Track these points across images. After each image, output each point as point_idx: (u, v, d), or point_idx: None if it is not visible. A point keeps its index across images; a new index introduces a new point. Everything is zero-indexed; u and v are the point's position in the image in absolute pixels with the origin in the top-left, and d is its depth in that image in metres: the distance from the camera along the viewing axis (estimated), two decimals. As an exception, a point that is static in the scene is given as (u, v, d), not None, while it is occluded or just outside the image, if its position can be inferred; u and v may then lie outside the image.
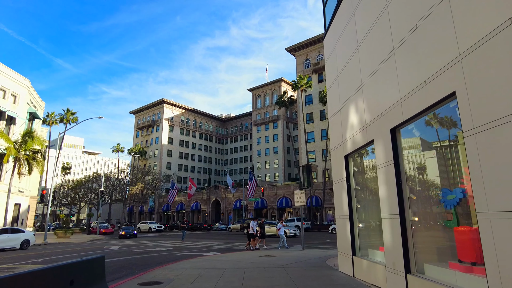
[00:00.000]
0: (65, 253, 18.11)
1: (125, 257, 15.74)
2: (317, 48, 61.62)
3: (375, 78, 7.55)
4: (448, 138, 5.55)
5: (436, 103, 5.25)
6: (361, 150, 8.62)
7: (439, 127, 5.73)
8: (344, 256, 9.54)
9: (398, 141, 6.67)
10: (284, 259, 12.85)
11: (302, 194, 17.38)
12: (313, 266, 11.09)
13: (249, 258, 13.62)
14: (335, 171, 10.41)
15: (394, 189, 6.53)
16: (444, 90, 4.99)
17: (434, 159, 6.00)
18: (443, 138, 5.74)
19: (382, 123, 7.11)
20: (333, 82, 10.73)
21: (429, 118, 5.85)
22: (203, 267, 11.20)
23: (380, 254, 7.85)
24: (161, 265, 12.16)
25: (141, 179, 62.95)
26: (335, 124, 10.46)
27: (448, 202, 5.60)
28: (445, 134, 5.66)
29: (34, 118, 38.51)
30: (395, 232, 6.48)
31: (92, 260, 6.38)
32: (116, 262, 13.66)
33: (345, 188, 9.32)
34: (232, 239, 27.93)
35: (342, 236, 9.68)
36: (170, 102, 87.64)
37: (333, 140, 10.73)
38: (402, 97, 6.25)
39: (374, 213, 8.57)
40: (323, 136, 56.90)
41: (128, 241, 27.90)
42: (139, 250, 18.99)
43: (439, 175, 5.91)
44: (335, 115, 10.42)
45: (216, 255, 15.52)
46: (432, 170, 6.06)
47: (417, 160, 6.48)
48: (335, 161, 10.45)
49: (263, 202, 57.51)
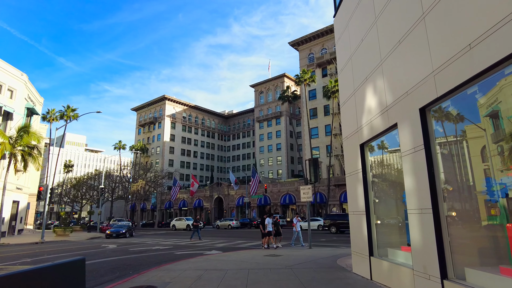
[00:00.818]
0: (59, 252, 17.25)
1: (121, 256, 14.84)
2: (320, 42, 60.36)
3: (398, 52, 6.52)
4: (500, 116, 4.53)
5: (485, 70, 4.23)
6: (380, 137, 7.61)
7: (485, 102, 4.71)
8: (359, 256, 8.56)
9: (429, 123, 5.65)
10: (291, 259, 11.89)
11: (309, 190, 16.39)
12: (324, 267, 10.11)
13: (253, 257, 12.67)
14: (349, 163, 9.41)
15: (424, 179, 5.53)
16: (498, 51, 3.98)
17: (476, 141, 4.99)
18: (488, 115, 4.72)
19: (408, 103, 6.10)
20: (346, 64, 9.70)
21: (471, 92, 4.84)
22: (203, 268, 10.26)
23: (403, 255, 6.87)
24: (158, 265, 11.23)
25: (142, 176, 62.18)
26: (348, 111, 9.45)
27: (495, 193, 4.60)
28: (492, 110, 4.65)
29: (32, 113, 37.74)
30: (426, 229, 5.48)
31: (68, 263, 5.42)
32: (110, 262, 12.75)
33: (361, 181, 8.32)
34: (235, 237, 27.01)
35: (357, 234, 8.69)
36: (172, 99, 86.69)
37: (346, 128, 9.71)
38: (435, 69, 5.24)
39: (395, 208, 7.58)
40: (327, 131, 55.78)
41: (127, 240, 27.06)
42: (137, 249, 18.10)
43: (482, 161, 4.91)
44: (348, 101, 9.40)
45: (218, 254, 14.59)
46: (474, 155, 5.05)
47: (454, 144, 5.46)
48: (348, 151, 9.44)
49: (266, 199, 56.60)
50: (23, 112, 34.38)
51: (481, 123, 4.87)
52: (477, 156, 5.01)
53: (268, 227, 16.56)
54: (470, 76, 4.48)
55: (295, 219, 18.16)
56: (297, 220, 18.06)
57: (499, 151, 4.62)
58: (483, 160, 4.88)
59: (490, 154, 4.72)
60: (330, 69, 57.50)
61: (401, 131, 6.36)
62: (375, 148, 8.09)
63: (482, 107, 4.78)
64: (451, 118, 5.39)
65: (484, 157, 4.88)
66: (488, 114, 4.72)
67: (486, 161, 4.81)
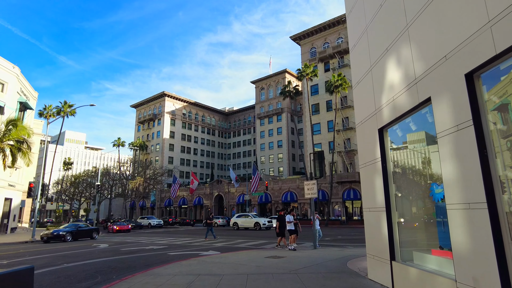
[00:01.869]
0: (44, 252, 16.04)
1: (109, 257, 13.61)
2: (323, 36, 58.94)
3: (432, 9, 5.23)
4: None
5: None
6: (405, 118, 6.32)
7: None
8: (376, 260, 7.30)
9: (479, 92, 4.37)
10: (295, 262, 10.63)
11: (314, 185, 15.11)
12: (333, 271, 8.85)
13: (253, 259, 11.42)
14: (364, 151, 8.14)
15: (474, 165, 4.25)
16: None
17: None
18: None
19: (447, 70, 4.82)
20: (359, 38, 8.41)
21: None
22: (196, 272, 9.01)
23: (435, 260, 5.62)
24: (146, 269, 10.00)
25: (141, 173, 60.98)
26: (363, 92, 8.16)
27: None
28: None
29: (25, 108, 36.50)
30: (477, 229, 4.21)
31: (13, 273, 4.20)
32: (95, 264, 11.51)
33: (379, 172, 7.05)
34: (234, 236, 25.78)
35: (374, 235, 7.43)
36: (172, 95, 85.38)
37: (360, 112, 8.44)
38: (493, 17, 3.95)
39: (423, 203, 6.32)
40: (330, 127, 54.47)
41: (122, 238, 25.86)
42: (129, 249, 16.88)
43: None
44: (363, 80, 8.11)
45: (214, 255, 13.35)
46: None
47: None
48: (363, 138, 8.16)
49: (267, 197, 55.38)
50: (15, 106, 33.15)
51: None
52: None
53: (290, 226, 14.90)
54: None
55: (314, 216, 15.98)
56: (316, 218, 15.98)
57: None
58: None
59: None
60: (333, 63, 56.13)
61: (437, 106, 5.07)
62: (398, 132, 6.81)
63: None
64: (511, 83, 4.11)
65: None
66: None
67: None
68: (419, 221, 6.50)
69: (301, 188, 52.14)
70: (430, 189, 6.16)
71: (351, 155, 51.56)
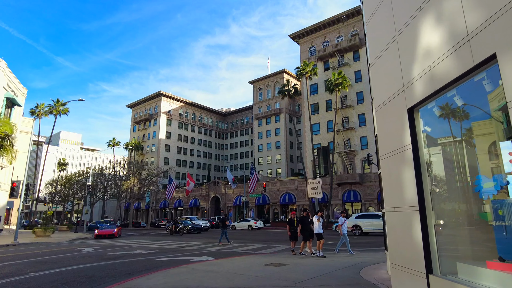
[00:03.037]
0: (21, 257, 14.50)
1: (89, 264, 12.12)
2: (322, 35, 57.74)
3: None
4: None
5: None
6: (447, 90, 4.93)
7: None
8: (405, 272, 5.89)
9: None
10: (300, 271, 9.19)
11: (318, 184, 13.75)
12: (347, 283, 7.44)
13: (250, 267, 9.98)
14: (385, 139, 6.75)
15: None
16: None
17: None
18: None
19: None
20: (379, 3, 7.04)
21: None
22: (183, 284, 7.57)
23: (493, 276, 4.22)
24: (126, 278, 8.55)
25: (135, 174, 59.35)
26: (385, 67, 6.79)
27: None
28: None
29: (13, 104, 34.92)
30: None
31: None
32: (68, 273, 10.02)
33: (410, 162, 5.65)
34: (230, 239, 24.26)
35: (402, 240, 6.03)
36: (168, 95, 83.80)
37: (379, 93, 7.05)
38: None
39: (471, 202, 4.93)
40: (329, 127, 53.17)
41: (110, 241, 24.30)
42: (114, 254, 15.38)
43: None
44: (384, 53, 6.73)
45: (207, 261, 11.91)
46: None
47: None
48: (384, 123, 6.78)
49: (265, 198, 53.92)
50: (0, 102, 31.58)
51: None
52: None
53: (318, 228, 12.55)
54: None
55: (341, 218, 14.29)
56: (344, 220, 14.22)
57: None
58: None
59: None
60: (333, 62, 54.93)
61: (508, 64, 3.69)
62: (435, 110, 5.41)
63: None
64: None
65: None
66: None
67: None
68: (465, 223, 5.11)
69: (300, 190, 50.76)
70: (476, 183, 4.81)
71: (351, 156, 50.26)
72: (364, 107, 49.95)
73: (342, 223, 14.00)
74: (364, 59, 51.35)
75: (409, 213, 5.68)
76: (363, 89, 50.40)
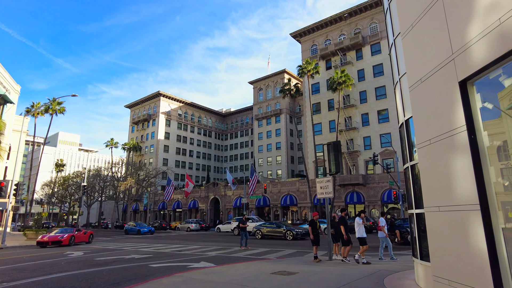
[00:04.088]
0: (0, 263, 13.22)
1: (74, 271, 10.85)
2: (324, 33, 56.63)
3: None
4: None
5: None
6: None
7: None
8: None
9: None
10: (313, 281, 7.95)
11: (328, 183, 12.50)
12: (373, 298, 6.19)
13: (255, 277, 8.74)
14: (424, 123, 5.53)
15: None
16: None
17: None
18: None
19: None
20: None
21: None
22: (177, 299, 6.32)
23: None
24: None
25: (133, 175, 58.03)
26: (424, 34, 5.58)
27: None
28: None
29: (5, 102, 33.63)
30: None
31: None
32: (46, 284, 8.76)
33: (464, 148, 4.44)
34: (231, 242, 23.02)
35: (452, 248, 4.80)
36: (167, 95, 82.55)
37: (416, 67, 5.84)
38: None
39: None
40: (332, 128, 51.95)
41: (104, 244, 23.01)
42: (105, 259, 14.10)
43: None
44: (424, 17, 5.53)
45: (206, 268, 10.65)
46: None
47: None
48: (423, 102, 5.56)
49: (265, 200, 52.64)
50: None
51: None
52: None
53: (360, 232, 11.12)
54: None
55: (382, 219, 13.00)
56: (385, 223, 12.89)
57: None
58: None
59: None
60: (335, 61, 53.81)
61: None
62: (503, 80, 4.20)
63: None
64: None
65: None
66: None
67: None
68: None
69: (301, 191, 49.56)
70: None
71: (354, 157, 49.05)
72: (368, 106, 48.79)
73: (383, 225, 12.60)
74: (367, 58, 50.23)
75: (463, 214, 4.45)
76: (366, 88, 49.27)
